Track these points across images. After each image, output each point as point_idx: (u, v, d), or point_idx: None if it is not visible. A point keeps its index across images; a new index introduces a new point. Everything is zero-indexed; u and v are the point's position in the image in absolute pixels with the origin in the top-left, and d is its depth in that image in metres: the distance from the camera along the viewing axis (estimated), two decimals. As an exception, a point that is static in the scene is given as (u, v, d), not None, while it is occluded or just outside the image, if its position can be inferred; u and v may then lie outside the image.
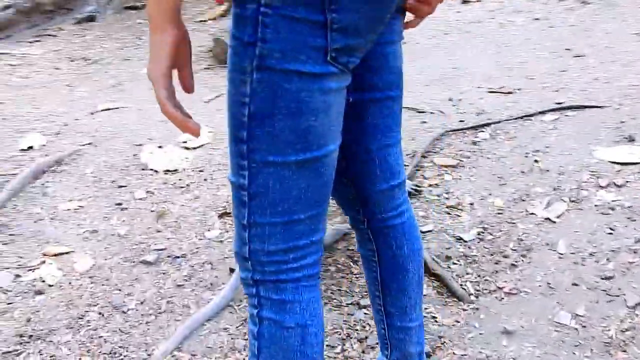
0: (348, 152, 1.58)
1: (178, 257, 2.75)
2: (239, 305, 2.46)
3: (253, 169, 1.34)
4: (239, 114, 1.31)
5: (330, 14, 1.22)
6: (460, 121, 3.58)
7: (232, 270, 2.61)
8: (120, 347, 2.31)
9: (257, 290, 1.44)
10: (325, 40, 1.23)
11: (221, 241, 2.81)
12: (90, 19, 7.42)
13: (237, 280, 2.47)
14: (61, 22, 7.29)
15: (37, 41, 6.75)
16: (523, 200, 2.80)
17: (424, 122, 3.64)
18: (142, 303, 2.50)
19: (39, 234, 3.00)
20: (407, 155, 3.30)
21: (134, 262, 2.74)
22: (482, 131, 3.42)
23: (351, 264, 2.59)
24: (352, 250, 2.66)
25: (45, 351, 2.31)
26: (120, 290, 2.58)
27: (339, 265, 2.58)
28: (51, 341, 2.36)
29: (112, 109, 4.61)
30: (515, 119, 3.50)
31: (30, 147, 3.92)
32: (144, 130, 4.10)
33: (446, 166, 3.13)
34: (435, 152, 3.27)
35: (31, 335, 2.38)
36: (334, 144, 1.35)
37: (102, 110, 4.58)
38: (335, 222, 2.83)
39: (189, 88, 1.39)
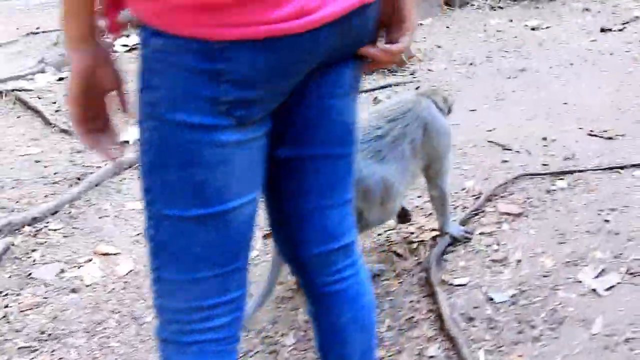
0: (282, 209, 1.48)
1: (209, 274, 2.74)
2: (247, 335, 2.40)
3: (155, 221, 1.29)
4: (141, 162, 1.26)
5: (220, 64, 1.13)
6: (544, 164, 3.30)
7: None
8: None
9: (162, 348, 1.38)
10: (216, 91, 1.15)
11: (256, 264, 2.76)
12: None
13: (250, 308, 2.41)
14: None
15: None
16: (575, 265, 2.52)
17: (506, 161, 3.39)
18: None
19: (97, 231, 3.11)
20: (472, 196, 3.09)
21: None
22: (562, 179, 3.13)
23: (370, 308, 2.46)
24: (378, 293, 2.52)
25: (57, 352, 2.39)
26: (145, 300, 2.61)
27: (358, 308, 2.46)
28: (66, 343, 2.43)
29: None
30: (603, 169, 3.17)
31: (127, 142, 4.07)
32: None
33: (508, 214, 2.89)
34: (502, 197, 3.03)
35: (50, 334, 2.47)
36: (242, 199, 1.26)
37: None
38: (371, 259, 2.70)
39: (126, 110, 1.35)
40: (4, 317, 2.55)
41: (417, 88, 2.87)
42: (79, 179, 3.56)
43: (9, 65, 6.04)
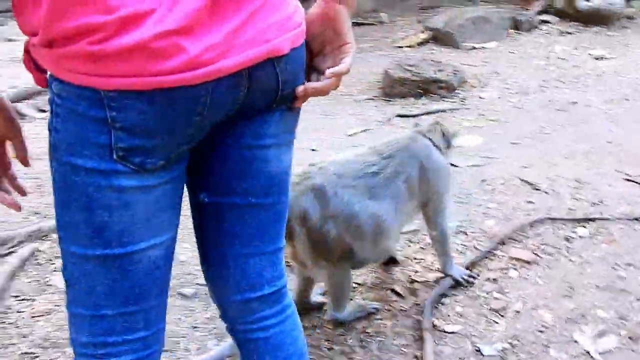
0: (206, 252, 1.49)
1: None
2: (233, 363, 2.42)
3: (64, 257, 1.32)
4: (53, 199, 1.29)
5: (112, 112, 1.15)
6: (570, 209, 3.18)
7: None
8: (110, 376, 2.38)
9: None
10: (110, 139, 1.17)
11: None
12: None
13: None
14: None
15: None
16: (575, 322, 2.42)
17: (531, 202, 3.28)
18: (154, 336, 2.55)
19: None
20: (488, 237, 3.01)
21: (173, 291, 2.81)
22: (584, 226, 3.01)
23: (357, 348, 2.43)
24: (368, 333, 2.49)
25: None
26: (146, 317, 2.66)
27: (344, 346, 2.44)
28: (65, 352, 2.49)
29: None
30: (629, 219, 3.02)
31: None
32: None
33: (519, 260, 2.80)
34: (517, 240, 2.94)
35: (53, 342, 2.54)
36: (147, 242, 1.26)
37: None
38: (369, 297, 2.67)
39: (22, 160, 1.39)
40: (15, 321, 2.65)
41: (416, 125, 2.79)
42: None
43: None
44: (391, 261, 2.84)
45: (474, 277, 2.69)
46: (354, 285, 2.75)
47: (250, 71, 1.22)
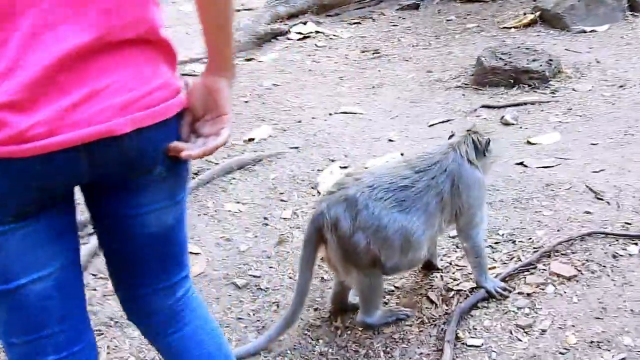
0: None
1: (261, 289, 2.95)
2: (266, 356, 2.59)
3: None
4: None
5: None
6: (626, 223, 3.07)
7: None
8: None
9: None
10: None
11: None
12: (415, 6, 7.59)
13: (275, 330, 2.59)
14: (387, 7, 7.59)
15: (356, 23, 7.16)
16: (598, 347, 2.40)
17: (589, 212, 3.19)
18: (202, 323, 2.76)
19: (191, 229, 3.40)
20: (534, 248, 2.98)
21: (228, 280, 3.02)
22: (636, 243, 2.91)
23: (380, 352, 2.53)
24: (394, 338, 2.59)
25: (115, 340, 2.74)
26: (199, 304, 2.88)
27: (370, 349, 2.55)
28: (125, 332, 2.76)
29: (349, 113, 4.82)
30: (685, 240, 2.90)
31: (252, 139, 4.36)
32: (352, 145, 4.25)
33: (558, 275, 2.77)
34: (562, 254, 2.89)
35: (117, 322, 2.82)
36: (29, 276, 1.43)
37: (341, 113, 4.82)
38: (403, 301, 2.75)
39: None
40: (88, 299, 2.92)
41: (450, 136, 2.78)
42: (195, 174, 3.90)
43: (201, 45, 6.50)
44: (432, 266, 2.90)
45: (508, 291, 2.70)
46: (391, 288, 2.84)
47: (89, 147, 1.33)
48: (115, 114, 1.34)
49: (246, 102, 5.02)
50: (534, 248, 2.97)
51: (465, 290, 2.77)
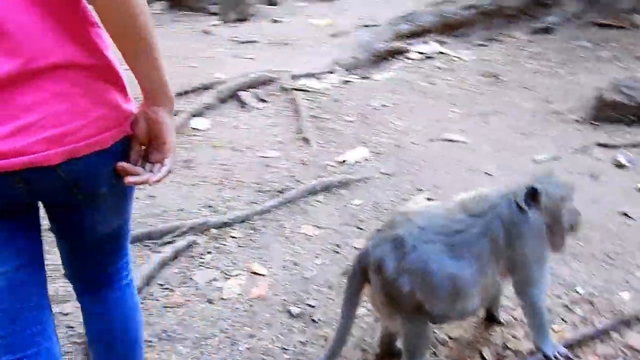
0: None
1: (314, 320, 2.85)
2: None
3: None
4: None
5: None
6: None
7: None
8: (199, 379, 2.60)
9: None
10: None
11: (361, 325, 2.78)
12: (546, 30, 7.20)
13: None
14: (517, 29, 7.25)
15: (481, 45, 6.89)
16: None
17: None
18: (248, 349, 2.72)
19: (264, 248, 3.40)
20: (612, 311, 2.68)
21: (284, 307, 2.95)
22: None
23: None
24: None
25: (162, 353, 2.73)
26: (250, 328, 2.83)
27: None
28: (174, 347, 2.76)
29: (452, 141, 4.63)
30: None
31: (344, 161, 4.27)
32: (446, 175, 4.07)
33: (632, 349, 2.47)
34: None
35: (170, 336, 2.82)
36: None
37: (443, 140, 4.63)
38: (453, 354, 2.56)
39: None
40: (149, 308, 2.98)
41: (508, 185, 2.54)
42: (280, 192, 3.87)
43: (321, 59, 6.49)
44: (493, 318, 2.68)
45: (570, 359, 2.44)
46: (445, 337, 2.66)
47: (23, 174, 1.40)
48: (47, 147, 1.39)
49: (350, 121, 4.94)
50: (614, 313, 2.68)
51: (522, 352, 2.54)
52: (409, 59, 6.48)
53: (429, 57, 6.49)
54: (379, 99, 5.43)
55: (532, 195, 2.33)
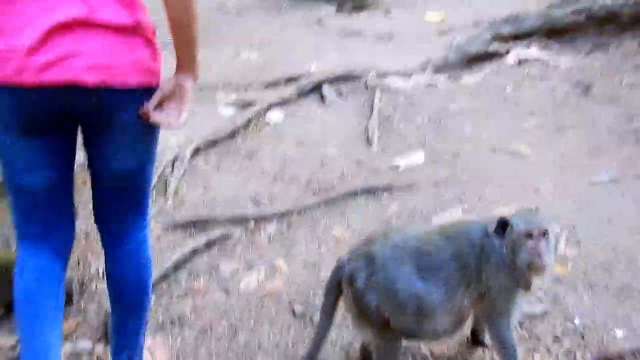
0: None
1: (313, 321, 2.93)
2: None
3: None
4: None
5: None
6: None
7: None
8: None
9: None
10: None
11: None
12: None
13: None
14: (629, 38, 6.78)
15: (585, 52, 6.53)
16: None
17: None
18: (245, 342, 2.84)
19: (297, 245, 3.48)
20: (600, 349, 2.56)
21: (290, 306, 3.04)
22: None
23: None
24: None
25: (171, 336, 2.92)
26: (254, 322, 2.96)
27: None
28: (182, 332, 2.93)
29: (516, 153, 4.48)
30: None
31: (397, 166, 4.27)
32: (495, 188, 3.97)
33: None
34: (632, 370, 2.46)
35: (181, 321, 2.99)
36: (28, 174, 1.99)
37: (505, 151, 4.49)
38: None
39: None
40: (170, 293, 3.17)
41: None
42: (325, 190, 3.95)
43: (416, 57, 6.39)
44: (478, 341, 2.64)
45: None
46: (426, 353, 2.65)
47: (65, 89, 1.80)
48: (88, 72, 1.80)
49: (419, 125, 4.91)
50: (600, 352, 2.57)
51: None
52: (504, 63, 6.27)
53: (524, 62, 6.25)
54: (458, 102, 5.33)
55: (502, 226, 2.29)
